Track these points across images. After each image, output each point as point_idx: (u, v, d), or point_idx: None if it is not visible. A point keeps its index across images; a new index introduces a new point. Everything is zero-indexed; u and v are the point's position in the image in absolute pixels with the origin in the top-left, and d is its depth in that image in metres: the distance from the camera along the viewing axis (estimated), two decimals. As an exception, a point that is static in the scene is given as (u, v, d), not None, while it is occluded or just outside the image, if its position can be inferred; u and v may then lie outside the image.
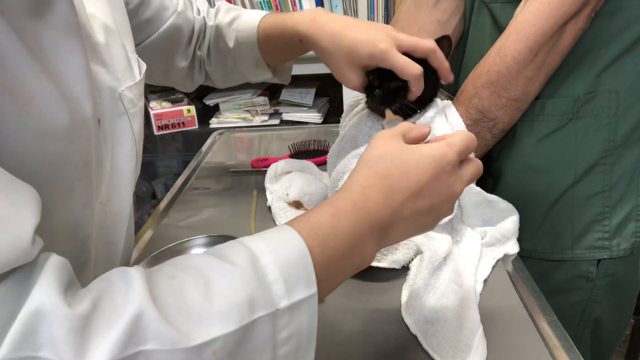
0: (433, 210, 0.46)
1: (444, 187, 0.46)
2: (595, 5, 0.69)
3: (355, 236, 0.42)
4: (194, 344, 0.31)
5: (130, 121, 0.57)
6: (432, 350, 0.55)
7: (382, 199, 0.44)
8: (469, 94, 0.76)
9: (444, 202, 0.47)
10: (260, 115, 2.02)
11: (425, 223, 0.48)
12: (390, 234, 0.45)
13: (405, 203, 0.44)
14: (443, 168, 0.45)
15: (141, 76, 0.61)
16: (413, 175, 0.45)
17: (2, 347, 0.27)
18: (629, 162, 0.76)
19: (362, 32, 0.69)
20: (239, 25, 0.86)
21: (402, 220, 0.45)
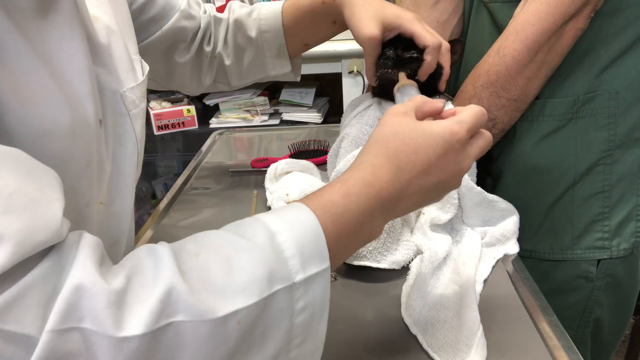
0: (440, 185, 0.48)
1: (452, 165, 0.47)
2: (595, 5, 0.69)
3: (365, 214, 0.44)
4: (219, 315, 0.34)
5: (132, 122, 0.58)
6: (432, 350, 0.55)
7: (391, 176, 0.46)
8: (468, 94, 0.76)
9: (452, 178, 0.48)
10: (260, 115, 2.02)
11: (433, 197, 0.50)
12: (397, 209, 0.47)
13: (413, 180, 0.46)
14: (452, 146, 0.46)
15: (143, 77, 0.61)
16: (422, 154, 0.46)
17: (49, 320, 0.30)
18: (628, 162, 0.76)
19: (391, 4, 0.73)
20: (260, 14, 0.87)
21: (410, 196, 0.47)
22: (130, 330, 0.32)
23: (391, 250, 0.69)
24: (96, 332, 0.31)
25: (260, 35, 0.87)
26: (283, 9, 0.86)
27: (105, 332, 0.31)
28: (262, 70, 0.92)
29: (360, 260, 0.68)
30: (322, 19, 0.84)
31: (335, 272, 0.69)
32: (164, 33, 0.82)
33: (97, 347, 0.31)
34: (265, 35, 0.87)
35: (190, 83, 0.92)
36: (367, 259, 0.68)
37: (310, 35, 0.89)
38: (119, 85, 0.56)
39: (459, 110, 0.50)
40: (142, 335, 0.32)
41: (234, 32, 0.89)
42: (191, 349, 0.34)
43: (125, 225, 0.62)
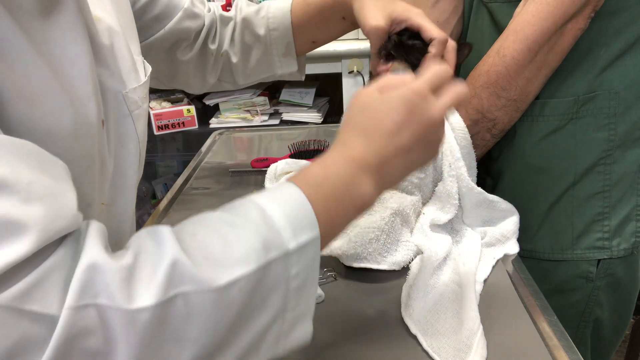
0: (420, 141, 0.48)
1: (419, 117, 0.47)
2: (595, 6, 0.69)
3: (347, 179, 0.46)
4: (222, 284, 0.37)
5: (134, 123, 0.58)
6: (432, 350, 0.55)
7: (362, 142, 0.47)
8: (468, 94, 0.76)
9: (427, 130, 0.48)
10: (260, 115, 2.02)
11: (419, 156, 0.50)
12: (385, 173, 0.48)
13: (386, 142, 0.47)
14: (413, 101, 0.47)
15: (146, 78, 0.61)
16: (386, 119, 0.47)
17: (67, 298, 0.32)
18: (628, 162, 0.76)
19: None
20: (269, 13, 0.87)
21: (392, 159, 0.47)
22: (142, 302, 0.34)
23: (391, 252, 0.69)
24: (110, 306, 0.33)
25: (269, 34, 0.87)
26: (292, 6, 0.87)
27: (119, 306, 0.33)
28: (269, 68, 0.92)
29: (360, 262, 0.68)
30: (332, 15, 0.84)
31: (335, 272, 0.69)
32: (167, 32, 0.82)
33: (112, 321, 0.33)
34: (274, 33, 0.87)
35: (194, 81, 0.92)
36: (367, 261, 0.68)
37: (319, 32, 0.89)
38: (122, 86, 0.57)
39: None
40: (154, 306, 0.34)
41: (241, 30, 0.89)
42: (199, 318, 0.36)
43: (126, 226, 0.62)
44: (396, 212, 0.70)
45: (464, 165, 0.72)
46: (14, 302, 0.30)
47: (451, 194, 0.72)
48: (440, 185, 0.73)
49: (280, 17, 0.87)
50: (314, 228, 0.42)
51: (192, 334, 0.36)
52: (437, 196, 0.73)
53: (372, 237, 0.68)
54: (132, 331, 0.33)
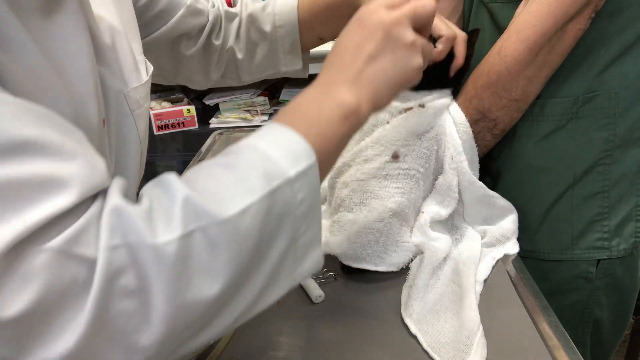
0: (389, 41, 0.50)
1: (374, 21, 0.50)
2: (596, 6, 0.69)
3: (319, 96, 0.48)
4: (234, 212, 0.38)
5: (135, 122, 0.59)
6: (432, 350, 0.55)
7: (333, 69, 0.50)
8: (469, 94, 0.76)
9: (391, 31, 0.50)
10: (260, 115, 2.02)
11: (390, 61, 0.50)
12: (362, 80, 0.49)
13: (353, 57, 0.49)
14: (366, 11, 0.51)
15: (147, 77, 0.61)
16: (346, 40, 0.51)
17: (100, 240, 0.35)
18: (628, 162, 0.76)
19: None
20: (275, 9, 0.87)
21: (362, 68, 0.49)
22: (167, 236, 0.36)
23: (389, 253, 0.69)
24: (138, 243, 0.35)
25: (275, 30, 0.87)
26: (299, 2, 0.86)
27: (146, 242, 0.35)
28: (274, 65, 0.92)
29: (359, 263, 0.68)
30: (339, 13, 0.83)
31: (335, 273, 0.69)
32: (169, 28, 0.81)
33: (142, 257, 0.35)
34: (280, 30, 0.87)
35: (198, 77, 0.92)
36: (365, 262, 0.68)
37: (325, 29, 0.88)
38: (123, 85, 0.57)
39: None
40: (178, 238, 0.36)
41: (247, 26, 0.88)
42: (221, 248, 0.38)
43: None
44: (395, 213, 0.70)
45: (465, 159, 0.71)
46: (65, 245, 0.33)
47: (451, 187, 0.72)
48: (440, 178, 0.73)
49: (287, 14, 0.86)
50: (309, 154, 0.43)
51: (218, 265, 0.38)
52: (437, 189, 0.73)
53: (371, 238, 0.68)
54: (162, 266, 0.35)
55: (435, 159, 0.72)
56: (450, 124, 0.73)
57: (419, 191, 0.72)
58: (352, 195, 0.70)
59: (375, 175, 0.70)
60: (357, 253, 0.68)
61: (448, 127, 0.72)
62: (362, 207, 0.69)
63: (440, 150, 0.72)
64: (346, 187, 0.72)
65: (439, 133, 0.72)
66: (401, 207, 0.70)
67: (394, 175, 0.70)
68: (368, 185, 0.70)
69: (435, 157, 0.72)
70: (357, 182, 0.71)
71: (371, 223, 0.68)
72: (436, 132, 0.72)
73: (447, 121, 0.73)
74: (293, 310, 0.63)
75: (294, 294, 0.66)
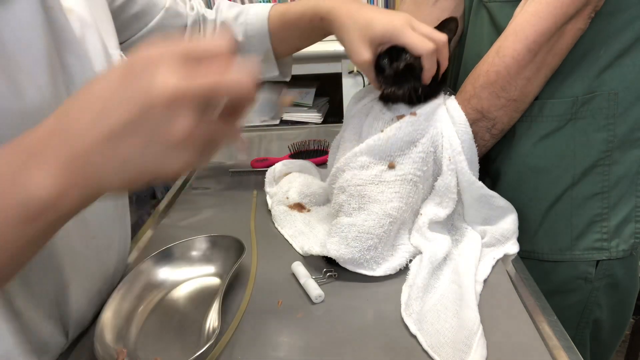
0: (138, 123, 0.34)
1: (143, 84, 0.34)
2: (596, 6, 0.69)
3: (8, 169, 0.35)
4: None
5: None
6: (432, 350, 0.55)
7: (49, 127, 0.36)
8: (467, 94, 0.76)
9: (148, 111, 0.34)
10: (260, 115, 2.02)
11: (146, 149, 0.35)
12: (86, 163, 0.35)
13: (92, 122, 0.35)
14: (131, 62, 0.35)
15: None
16: (98, 89, 0.36)
17: None
18: (627, 163, 0.76)
19: (379, 13, 0.72)
20: (247, 19, 0.87)
21: (96, 145, 0.34)
22: None
23: (386, 258, 0.69)
24: None
25: (247, 40, 0.87)
26: (269, 16, 0.86)
27: None
28: None
29: (356, 267, 0.68)
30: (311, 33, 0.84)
31: (336, 273, 0.69)
32: (149, 31, 0.82)
33: None
34: (252, 40, 0.87)
35: None
36: (363, 267, 0.68)
37: (299, 43, 0.89)
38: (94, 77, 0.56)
39: None
40: None
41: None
42: None
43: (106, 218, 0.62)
44: (394, 219, 0.70)
45: (464, 159, 0.71)
46: None
47: (450, 187, 0.72)
48: (439, 180, 0.73)
49: (258, 25, 0.86)
50: None
51: None
52: (436, 191, 0.73)
53: (370, 244, 0.68)
54: None
55: (433, 160, 0.72)
56: (447, 125, 0.72)
57: (417, 194, 0.72)
58: (350, 201, 0.71)
59: (372, 181, 0.71)
60: (355, 257, 0.68)
61: (445, 128, 0.72)
62: (361, 212, 0.70)
63: (438, 151, 0.72)
64: (343, 192, 0.72)
65: (434, 135, 0.72)
66: (400, 212, 0.70)
67: (391, 181, 0.71)
68: (365, 190, 0.70)
69: (433, 158, 0.72)
70: (354, 187, 0.71)
71: (371, 229, 0.68)
72: (431, 135, 0.72)
73: (444, 121, 0.73)
74: (293, 310, 0.63)
75: (294, 294, 0.66)
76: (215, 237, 0.73)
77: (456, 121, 0.73)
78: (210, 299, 0.64)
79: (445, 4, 0.89)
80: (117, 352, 0.55)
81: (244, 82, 0.36)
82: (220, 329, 0.57)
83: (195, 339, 0.59)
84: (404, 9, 0.94)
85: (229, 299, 0.65)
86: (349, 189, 0.71)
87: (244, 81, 0.36)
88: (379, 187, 0.70)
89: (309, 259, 0.72)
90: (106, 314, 0.59)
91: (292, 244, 0.77)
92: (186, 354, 0.53)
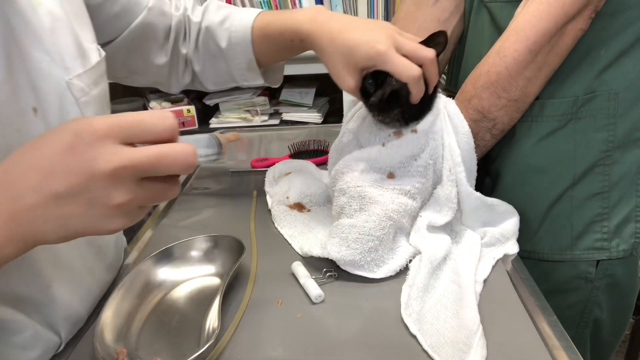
0: (80, 192, 0.38)
1: (87, 156, 0.37)
2: (596, 6, 0.69)
3: None
4: None
5: (81, 111, 0.57)
6: (432, 350, 0.55)
7: (5, 178, 0.38)
8: (468, 94, 0.76)
9: (88, 183, 0.37)
10: (260, 115, 2.02)
11: (86, 212, 0.38)
12: (26, 222, 0.38)
13: (23, 178, 0.38)
14: (76, 134, 0.38)
15: (94, 64, 0.60)
16: (45, 149, 0.38)
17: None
18: (628, 163, 0.76)
19: (361, 33, 0.68)
20: (232, 25, 0.84)
21: (34, 208, 0.37)
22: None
23: (387, 260, 0.69)
24: None
25: (231, 47, 0.84)
26: (253, 26, 0.82)
27: None
28: (233, 80, 0.89)
29: (357, 269, 0.68)
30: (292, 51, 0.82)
31: (336, 273, 0.69)
32: (132, 31, 0.80)
33: None
34: (235, 47, 0.84)
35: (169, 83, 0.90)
36: (364, 269, 0.68)
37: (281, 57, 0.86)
38: (65, 72, 0.56)
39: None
40: None
41: (205, 39, 0.86)
42: None
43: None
44: (395, 222, 0.70)
45: (463, 170, 0.71)
46: None
47: (450, 198, 0.72)
48: (439, 189, 0.73)
49: (242, 34, 0.83)
50: None
51: None
52: (435, 199, 0.73)
53: (371, 246, 0.68)
54: None
55: (433, 170, 0.73)
56: (449, 134, 0.72)
57: (416, 203, 0.73)
58: (351, 202, 0.71)
59: (372, 184, 0.71)
60: (356, 259, 0.68)
61: (446, 138, 0.72)
62: (362, 213, 0.70)
63: (438, 163, 0.72)
64: (344, 194, 0.72)
65: (434, 147, 0.72)
66: (399, 215, 0.70)
67: (390, 189, 0.71)
68: (365, 191, 0.70)
69: (433, 169, 0.72)
70: (354, 189, 0.71)
71: (372, 230, 0.68)
72: (431, 148, 0.72)
73: (445, 132, 0.72)
74: (293, 310, 0.63)
75: (294, 294, 0.66)
76: (215, 237, 0.73)
77: (459, 130, 0.73)
78: (210, 299, 0.64)
79: (446, 4, 0.89)
80: (117, 352, 0.55)
81: (180, 161, 0.39)
82: (220, 329, 0.57)
83: (195, 339, 0.59)
84: (404, 9, 0.94)
85: (229, 299, 0.65)
86: (349, 190, 0.71)
87: (180, 160, 0.39)
88: (379, 190, 0.71)
89: (309, 258, 0.72)
90: (106, 314, 0.59)
91: (291, 244, 0.77)
92: (186, 354, 0.53)
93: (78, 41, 0.59)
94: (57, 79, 0.55)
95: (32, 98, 0.52)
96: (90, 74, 0.59)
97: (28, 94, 0.51)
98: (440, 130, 0.72)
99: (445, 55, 0.94)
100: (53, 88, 0.55)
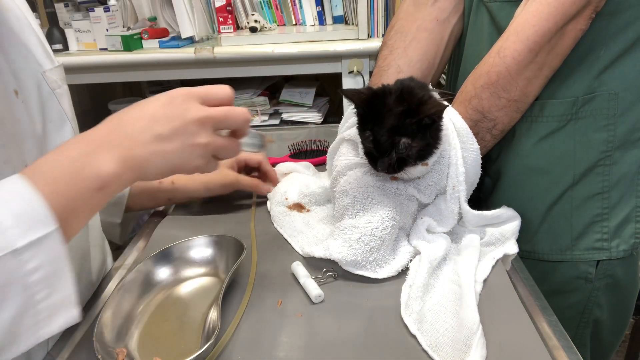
0: (177, 133, 0.50)
1: (181, 109, 0.51)
2: (596, 7, 0.69)
3: (78, 158, 0.46)
4: None
5: (58, 100, 0.64)
6: (431, 349, 0.55)
7: (119, 127, 0.50)
8: (468, 94, 0.76)
9: (189, 127, 0.51)
10: (260, 115, 2.02)
11: (180, 150, 0.51)
12: (137, 156, 0.49)
13: (143, 128, 0.50)
14: (171, 95, 0.52)
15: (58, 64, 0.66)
16: (148, 107, 0.51)
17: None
18: (627, 163, 0.76)
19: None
20: None
21: (143, 144, 0.49)
22: None
23: (389, 261, 0.69)
24: None
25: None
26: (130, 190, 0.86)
27: None
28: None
29: (359, 269, 0.68)
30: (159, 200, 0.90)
31: (336, 272, 0.69)
32: None
33: None
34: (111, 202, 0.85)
35: None
36: (366, 269, 0.68)
37: (150, 204, 0.90)
38: (39, 66, 0.62)
39: None
40: None
41: None
42: None
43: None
44: (397, 222, 0.70)
45: (464, 189, 0.71)
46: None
47: (453, 213, 0.73)
48: (442, 203, 0.73)
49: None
50: (48, 222, 0.43)
51: None
52: (438, 209, 0.73)
53: (373, 246, 0.68)
54: None
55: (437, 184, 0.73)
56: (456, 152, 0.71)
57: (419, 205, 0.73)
58: (354, 203, 0.71)
59: (375, 186, 0.71)
60: (358, 260, 0.68)
61: (453, 157, 0.72)
62: (365, 213, 0.70)
63: (442, 178, 0.72)
64: (346, 195, 0.72)
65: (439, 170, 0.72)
66: (401, 216, 0.71)
67: (393, 189, 0.71)
68: (368, 191, 0.70)
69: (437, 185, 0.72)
70: (357, 190, 0.71)
71: (374, 230, 0.68)
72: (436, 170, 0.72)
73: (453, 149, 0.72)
74: (293, 310, 0.63)
75: (294, 294, 0.66)
76: (215, 237, 0.73)
77: (468, 147, 0.72)
78: (210, 299, 0.64)
79: (445, 3, 0.89)
80: (117, 352, 0.55)
81: (241, 115, 0.54)
82: (220, 329, 0.57)
83: (195, 339, 0.59)
84: (403, 9, 0.94)
85: (229, 299, 0.65)
86: (352, 191, 0.71)
87: (241, 115, 0.54)
88: (382, 191, 0.71)
89: (309, 258, 0.72)
90: (106, 314, 0.59)
91: (291, 244, 0.77)
92: (186, 354, 0.53)
93: (42, 43, 0.65)
94: (33, 70, 0.61)
95: (13, 81, 0.57)
96: (58, 72, 0.65)
97: (9, 77, 0.56)
98: (448, 154, 0.72)
99: (445, 55, 0.94)
100: (31, 76, 0.60)
